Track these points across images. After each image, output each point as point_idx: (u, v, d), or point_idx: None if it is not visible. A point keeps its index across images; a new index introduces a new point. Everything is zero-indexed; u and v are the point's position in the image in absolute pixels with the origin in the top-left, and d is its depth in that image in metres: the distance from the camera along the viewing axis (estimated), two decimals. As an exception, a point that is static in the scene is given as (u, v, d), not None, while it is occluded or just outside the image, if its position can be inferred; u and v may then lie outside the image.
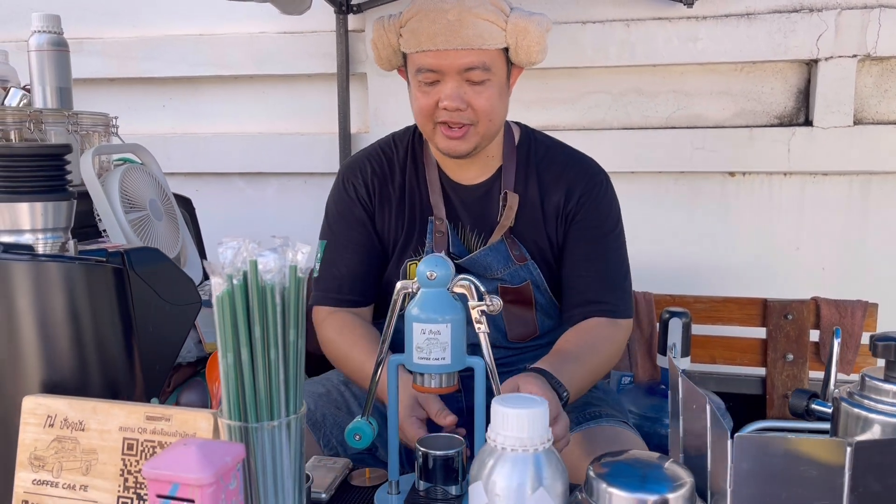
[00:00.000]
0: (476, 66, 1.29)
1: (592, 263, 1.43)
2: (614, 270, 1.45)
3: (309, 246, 0.70)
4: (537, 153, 1.48)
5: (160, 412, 0.72)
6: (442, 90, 1.31)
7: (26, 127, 1.57)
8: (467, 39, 1.27)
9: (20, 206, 0.85)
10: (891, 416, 0.77)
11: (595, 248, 1.44)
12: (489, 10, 1.28)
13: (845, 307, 1.97)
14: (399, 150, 1.51)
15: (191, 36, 2.65)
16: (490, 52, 1.29)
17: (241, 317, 0.65)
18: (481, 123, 1.34)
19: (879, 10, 2.17)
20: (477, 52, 1.28)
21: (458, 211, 1.46)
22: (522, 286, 1.45)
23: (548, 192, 1.44)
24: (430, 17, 1.28)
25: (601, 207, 1.45)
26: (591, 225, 1.44)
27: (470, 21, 1.27)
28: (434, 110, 1.34)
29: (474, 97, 1.32)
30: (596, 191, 1.45)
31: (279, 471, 0.68)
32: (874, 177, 2.28)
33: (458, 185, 1.47)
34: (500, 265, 1.44)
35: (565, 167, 1.46)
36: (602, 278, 1.43)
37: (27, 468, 0.76)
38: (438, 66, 1.30)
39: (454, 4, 1.28)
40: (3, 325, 0.81)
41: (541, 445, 0.75)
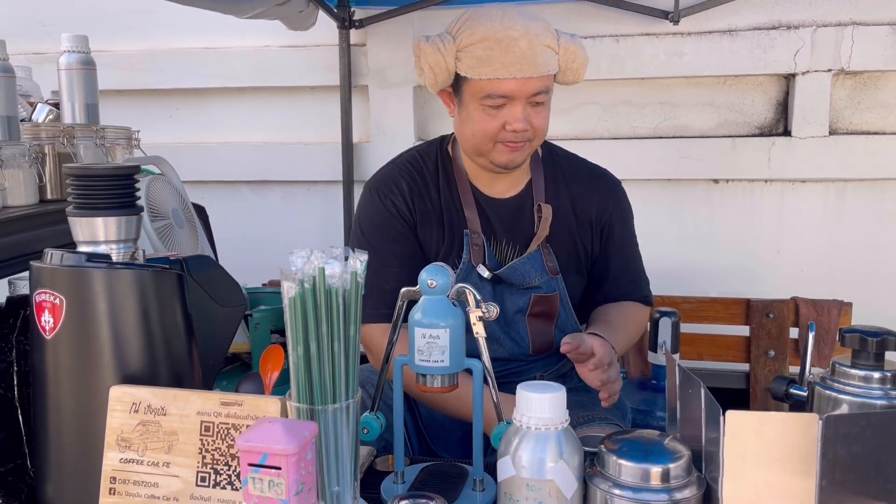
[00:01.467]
0: (542, 90, 1.37)
1: (628, 266, 1.65)
2: (640, 266, 1.69)
3: (366, 254, 0.81)
4: (562, 166, 1.59)
5: (234, 398, 0.84)
6: (509, 113, 1.38)
7: (59, 142, 1.67)
8: (539, 68, 1.34)
9: (96, 220, 0.96)
10: (857, 397, 0.91)
11: (627, 251, 1.65)
12: (549, 37, 1.36)
13: (822, 306, 2.11)
14: (429, 165, 1.55)
15: (198, 49, 2.75)
16: (551, 76, 1.39)
17: (310, 315, 0.77)
18: (537, 139, 1.44)
19: (853, 27, 2.32)
20: (546, 77, 1.37)
21: (492, 224, 1.52)
22: (553, 295, 1.54)
23: (579, 205, 1.56)
24: (502, 46, 1.33)
25: (627, 215, 1.65)
26: (624, 234, 1.63)
27: (539, 50, 1.34)
28: (499, 131, 1.40)
29: (535, 118, 1.39)
30: (622, 202, 1.63)
31: (340, 447, 0.80)
32: (848, 184, 2.42)
33: (490, 199, 1.53)
34: (536, 274, 1.51)
35: (591, 181, 1.60)
36: (634, 273, 1.66)
37: (115, 448, 0.87)
38: (512, 93, 1.36)
39: (522, 33, 1.33)
40: (84, 324, 0.92)
41: (560, 425, 0.87)
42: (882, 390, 0.91)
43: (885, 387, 0.91)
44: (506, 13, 1.36)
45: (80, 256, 0.93)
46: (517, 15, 1.36)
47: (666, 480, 0.83)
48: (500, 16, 1.36)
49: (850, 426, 0.77)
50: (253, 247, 2.75)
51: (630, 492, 0.83)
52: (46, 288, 0.92)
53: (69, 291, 0.91)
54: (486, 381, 1.16)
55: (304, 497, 0.73)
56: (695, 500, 0.83)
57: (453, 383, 1.15)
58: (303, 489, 0.73)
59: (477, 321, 1.15)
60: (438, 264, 1.14)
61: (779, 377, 1.02)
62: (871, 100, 2.41)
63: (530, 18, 1.36)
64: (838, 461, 0.77)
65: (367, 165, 2.68)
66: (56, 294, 0.91)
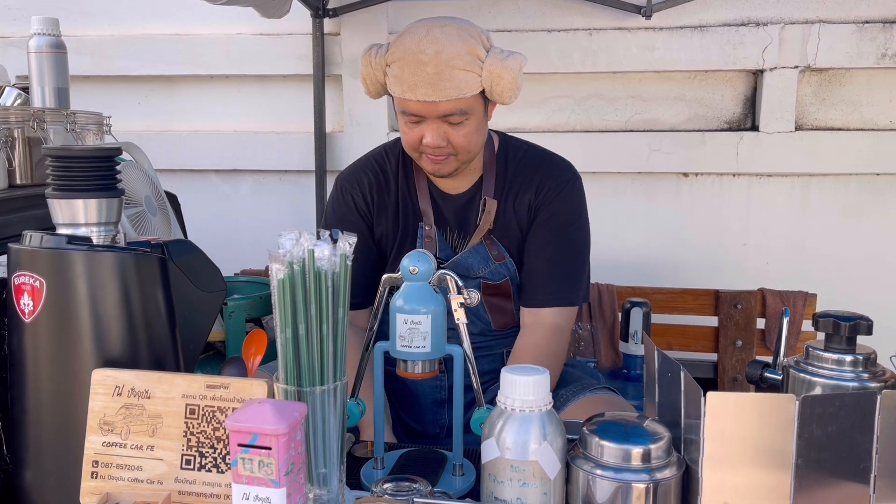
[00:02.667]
0: (454, 112, 1.39)
1: (547, 252, 1.55)
2: (566, 260, 1.56)
3: (355, 237, 0.82)
4: (515, 158, 1.59)
5: (219, 381, 0.84)
6: (424, 129, 1.42)
7: (29, 126, 1.64)
8: (446, 92, 1.35)
9: (77, 202, 0.95)
10: (830, 379, 0.93)
11: (551, 238, 1.55)
12: (465, 61, 1.35)
13: (788, 297, 2.16)
14: (391, 162, 1.61)
15: (168, 35, 2.71)
16: (468, 98, 1.38)
17: (299, 297, 0.77)
18: (460, 154, 1.46)
19: (819, 25, 2.37)
20: (455, 101, 1.37)
21: (445, 217, 1.58)
22: (502, 282, 1.58)
23: (520, 192, 1.55)
24: (410, 68, 1.36)
25: (563, 200, 1.55)
26: (551, 216, 1.54)
27: (447, 74, 1.34)
28: (419, 144, 1.45)
29: (453, 135, 1.42)
30: (560, 186, 1.55)
31: (327, 429, 0.80)
32: (813, 178, 2.48)
33: (445, 194, 1.59)
34: (480, 265, 1.56)
35: (537, 168, 1.57)
36: (554, 267, 1.55)
37: (97, 432, 0.86)
38: (419, 112, 1.40)
39: (432, 56, 1.34)
40: (65, 307, 0.91)
41: (544, 407, 0.88)
42: (854, 373, 0.94)
43: (857, 369, 0.94)
44: (430, 31, 1.37)
45: (61, 239, 0.91)
46: (440, 34, 1.36)
47: (647, 461, 0.85)
48: (423, 34, 1.37)
49: (825, 406, 0.79)
50: (224, 236, 2.73)
51: (612, 472, 0.85)
52: (26, 270, 0.91)
53: (49, 274, 0.90)
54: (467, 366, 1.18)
55: (294, 477, 0.74)
56: (675, 479, 0.85)
57: (434, 369, 1.16)
58: (292, 469, 0.73)
59: (458, 307, 1.17)
60: (420, 251, 1.15)
61: (754, 361, 1.04)
62: (835, 96, 2.46)
63: (452, 38, 1.35)
64: (814, 441, 0.80)
65: (339, 155, 2.67)
66: (36, 276, 0.89)
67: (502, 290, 1.59)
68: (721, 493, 0.82)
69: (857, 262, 2.48)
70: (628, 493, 0.84)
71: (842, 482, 0.81)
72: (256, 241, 2.70)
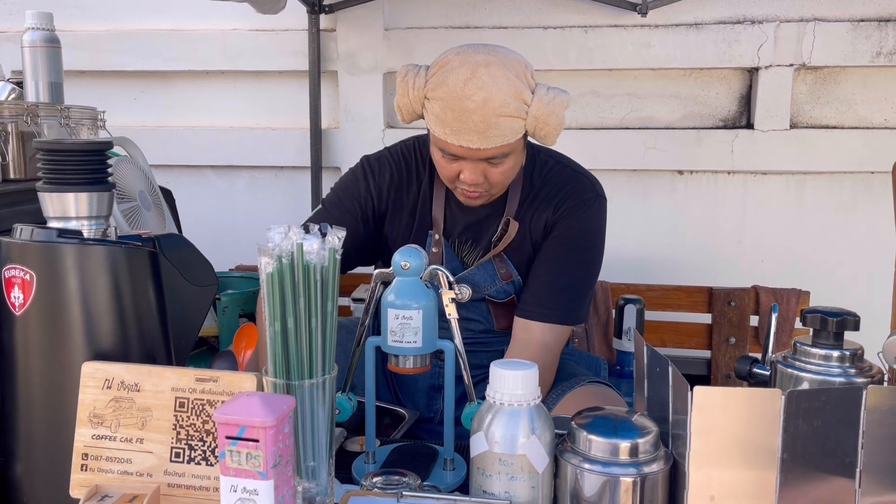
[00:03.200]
0: (497, 155, 1.35)
1: (553, 268, 1.50)
2: (571, 279, 1.51)
3: (344, 230, 0.82)
4: (541, 174, 1.53)
5: (209, 374, 0.84)
6: (463, 167, 1.37)
7: (22, 120, 1.64)
8: (492, 140, 1.30)
9: (67, 195, 0.95)
10: (817, 374, 0.94)
11: (560, 255, 1.50)
12: (511, 108, 1.29)
13: (781, 294, 2.17)
14: (419, 159, 1.56)
15: (164, 31, 2.71)
16: (512, 143, 1.33)
17: (288, 291, 0.77)
18: (495, 188, 1.43)
19: (814, 23, 2.38)
20: (500, 147, 1.33)
21: (458, 227, 1.54)
22: (507, 301, 1.55)
23: (539, 209, 1.51)
24: (455, 114, 1.29)
25: (580, 219, 1.50)
26: (564, 232, 1.50)
27: (494, 122, 1.28)
28: (455, 178, 1.41)
29: (492, 173, 1.38)
30: (580, 205, 1.50)
31: (316, 422, 0.80)
32: (808, 176, 2.49)
33: (464, 204, 1.51)
34: (487, 284, 1.53)
35: (561, 187, 1.52)
36: (556, 284, 1.50)
37: (87, 425, 0.86)
38: (463, 155, 1.35)
39: (479, 104, 1.27)
40: (55, 301, 0.91)
41: (532, 401, 0.89)
42: (841, 368, 0.95)
43: (844, 365, 0.95)
44: (476, 74, 1.28)
45: (52, 232, 0.92)
46: (487, 79, 1.27)
47: (634, 455, 0.85)
48: (468, 76, 1.28)
49: (811, 401, 0.80)
50: (219, 232, 2.73)
51: (600, 466, 0.85)
52: (16, 263, 0.91)
53: (40, 267, 0.90)
54: (458, 362, 1.18)
55: (282, 470, 0.74)
56: (662, 473, 0.86)
57: (425, 364, 1.16)
58: (280, 462, 0.73)
59: (450, 303, 1.17)
60: (412, 246, 1.16)
61: (743, 357, 1.05)
62: (830, 95, 2.47)
63: (499, 83, 1.28)
64: (799, 435, 0.80)
65: (335, 151, 2.67)
66: (26, 269, 0.90)
67: (508, 308, 1.57)
68: (708, 488, 0.82)
69: (850, 260, 2.48)
70: (616, 487, 0.84)
71: (827, 476, 0.81)
72: (251, 236, 2.67)
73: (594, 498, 0.85)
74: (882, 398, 0.79)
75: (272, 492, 0.73)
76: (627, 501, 0.84)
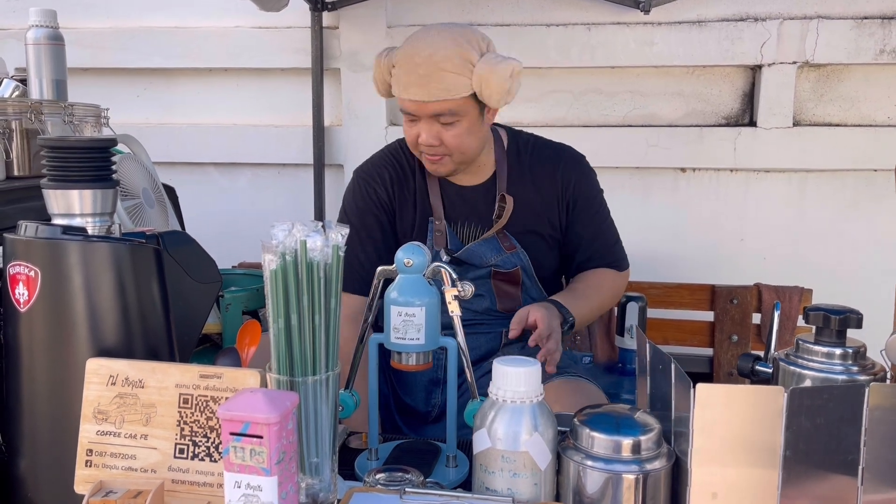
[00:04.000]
0: (444, 112, 1.47)
1: (597, 235, 1.70)
2: (610, 234, 1.74)
3: (347, 228, 0.82)
4: (526, 152, 1.68)
5: (212, 371, 0.84)
6: (420, 128, 1.51)
7: (26, 117, 1.64)
8: (435, 93, 1.44)
9: (72, 192, 0.95)
10: (819, 372, 0.94)
11: (596, 223, 1.70)
12: (455, 64, 1.43)
13: (784, 292, 2.16)
14: (409, 155, 1.67)
15: (166, 28, 2.71)
16: (456, 100, 1.46)
17: (291, 288, 0.78)
18: (454, 155, 1.54)
19: (818, 20, 2.37)
20: (443, 102, 1.46)
21: (456, 210, 1.64)
22: (513, 271, 1.65)
23: (543, 184, 1.65)
24: (405, 69, 1.47)
25: (593, 188, 1.71)
26: (589, 205, 1.69)
27: (437, 76, 1.43)
28: (416, 142, 1.54)
29: (445, 135, 1.50)
30: (586, 176, 1.69)
31: (319, 419, 0.81)
32: (810, 174, 2.48)
33: (458, 187, 1.65)
34: (492, 254, 1.63)
35: (555, 161, 1.67)
36: (606, 244, 1.72)
37: (91, 421, 0.86)
38: (413, 111, 1.50)
39: (425, 58, 1.44)
40: (60, 297, 0.92)
41: (535, 398, 0.89)
42: (843, 366, 0.95)
43: (847, 362, 0.95)
44: (430, 35, 1.47)
45: (56, 229, 0.92)
46: (437, 38, 1.45)
47: (637, 452, 0.86)
48: (422, 37, 1.48)
49: (813, 399, 0.80)
50: (222, 229, 2.73)
51: (602, 463, 0.85)
52: (21, 260, 0.91)
53: (45, 264, 0.90)
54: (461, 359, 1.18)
55: (286, 466, 0.74)
56: (664, 471, 0.86)
57: (428, 361, 1.17)
58: (284, 458, 0.74)
59: (452, 300, 1.17)
60: (415, 243, 1.16)
61: (745, 354, 1.05)
62: (833, 92, 2.46)
63: (446, 42, 1.44)
64: (802, 433, 0.80)
65: (338, 149, 2.67)
66: (31, 266, 0.90)
67: (513, 277, 1.64)
68: (710, 485, 0.82)
69: (853, 258, 2.48)
70: (618, 484, 0.85)
71: (830, 474, 0.81)
72: (254, 234, 2.66)
73: (597, 495, 0.86)
74: (884, 396, 0.80)
75: (276, 488, 0.74)
76: (630, 498, 0.84)
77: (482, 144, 1.59)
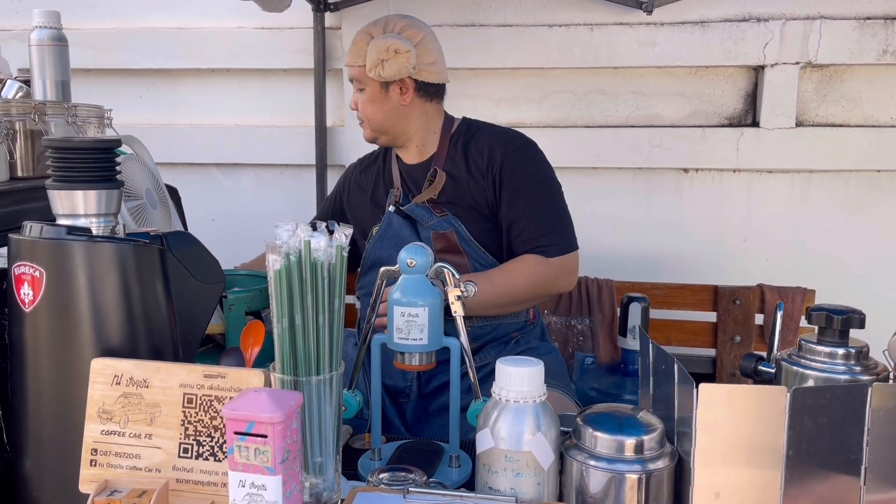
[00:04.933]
0: (355, 78, 1.73)
1: (525, 217, 1.69)
2: (546, 219, 1.69)
3: (351, 228, 0.82)
4: (467, 135, 1.79)
5: (217, 371, 0.84)
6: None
7: (30, 118, 1.64)
8: (350, 59, 1.72)
9: (76, 193, 0.95)
10: (822, 372, 0.94)
11: (526, 201, 1.69)
12: (362, 35, 1.70)
13: (787, 293, 2.17)
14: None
15: (169, 29, 2.71)
16: (357, 67, 1.70)
17: (296, 288, 0.78)
18: (367, 122, 1.76)
19: (820, 21, 2.37)
20: (356, 68, 1.71)
21: (407, 183, 1.82)
22: (448, 232, 1.72)
23: (473, 161, 1.74)
24: None
25: (525, 166, 1.72)
26: (519, 183, 1.70)
27: (359, 45, 1.69)
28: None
29: (360, 102, 1.75)
30: (517, 154, 1.72)
31: (323, 418, 0.81)
32: (813, 175, 2.48)
33: (406, 164, 1.84)
34: (427, 216, 1.74)
35: (490, 140, 1.75)
36: (536, 227, 1.68)
37: (96, 420, 0.87)
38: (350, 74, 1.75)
39: (363, 29, 1.71)
40: (65, 297, 0.92)
41: (538, 398, 0.89)
42: (846, 366, 0.95)
43: (849, 362, 0.95)
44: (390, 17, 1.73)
45: (61, 229, 0.92)
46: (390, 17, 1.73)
47: (640, 452, 0.86)
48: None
49: (816, 398, 0.80)
50: (224, 230, 2.73)
51: (605, 462, 0.86)
52: (26, 260, 0.91)
53: (49, 264, 0.91)
54: (464, 359, 1.18)
55: (290, 465, 0.74)
56: (667, 470, 0.86)
57: (431, 361, 1.17)
58: (288, 457, 0.74)
59: (455, 300, 1.17)
60: (418, 244, 1.16)
61: (748, 354, 1.05)
62: (836, 93, 2.46)
63: (387, 19, 1.71)
64: (804, 432, 0.80)
65: (340, 149, 2.67)
66: (36, 266, 0.90)
67: (449, 240, 1.72)
68: (713, 485, 0.82)
69: (856, 259, 2.48)
70: (621, 484, 0.85)
71: (832, 474, 0.81)
72: (257, 234, 2.68)
73: (600, 494, 0.86)
74: (887, 396, 0.80)
75: (280, 487, 0.74)
76: (633, 498, 0.85)
77: (393, 118, 1.74)
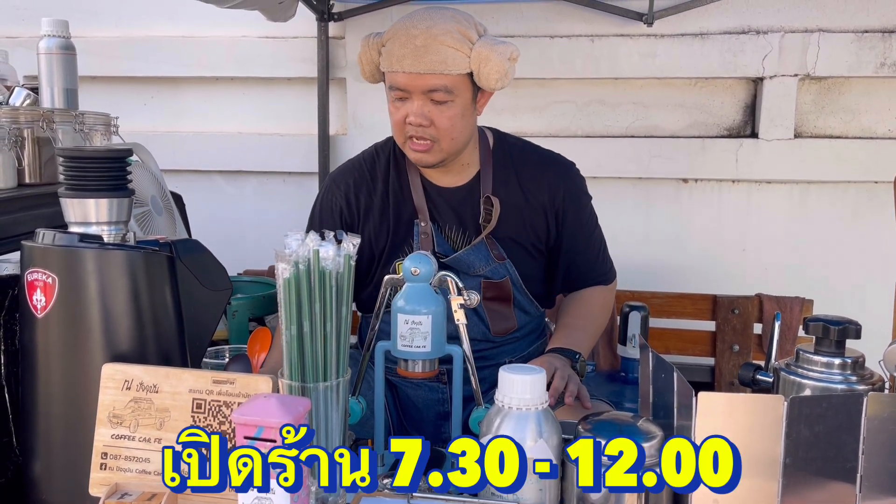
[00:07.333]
0: (438, 88, 1.41)
1: (586, 248, 1.66)
2: (599, 247, 1.69)
3: (359, 237, 0.84)
4: (512, 155, 1.61)
5: (225, 377, 0.86)
6: (409, 107, 1.44)
7: (38, 126, 1.66)
8: (431, 65, 1.39)
9: (88, 202, 0.97)
10: (818, 381, 0.96)
11: (585, 235, 1.65)
12: (454, 38, 1.39)
13: (785, 303, 2.18)
14: (381, 160, 1.62)
15: (174, 37, 2.74)
16: (452, 76, 1.41)
17: (304, 296, 0.80)
18: (443, 140, 1.46)
19: (819, 33, 2.40)
20: (439, 76, 1.40)
21: (441, 212, 1.57)
22: (503, 281, 1.57)
23: (530, 190, 1.57)
24: (401, 41, 1.40)
25: (583, 199, 1.65)
26: (579, 217, 1.63)
27: (435, 48, 1.38)
28: (404, 124, 1.46)
29: (437, 115, 1.43)
30: (575, 185, 1.63)
31: (330, 424, 0.83)
32: (812, 185, 2.51)
33: (440, 188, 1.58)
34: (481, 263, 1.55)
35: (543, 168, 1.60)
36: (594, 257, 1.68)
37: (106, 425, 0.88)
38: (406, 86, 1.42)
39: (423, 30, 1.39)
40: (76, 303, 0.94)
41: (540, 405, 0.91)
42: (842, 376, 0.97)
43: (846, 372, 0.97)
44: (427, 12, 1.42)
45: (73, 237, 0.94)
46: (435, 13, 1.42)
47: (640, 460, 0.87)
48: (420, 14, 1.43)
49: (812, 407, 0.82)
50: (227, 236, 2.75)
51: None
52: (38, 267, 0.93)
53: (62, 271, 0.93)
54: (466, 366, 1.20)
55: (297, 470, 0.76)
56: (667, 477, 0.88)
57: (434, 368, 1.18)
58: (296, 462, 0.75)
59: (458, 308, 1.19)
60: (421, 252, 1.18)
61: (747, 364, 1.07)
62: (834, 104, 2.49)
63: (445, 18, 1.41)
64: (802, 440, 0.82)
65: (343, 158, 2.68)
66: (49, 273, 0.92)
67: (503, 290, 1.58)
68: (711, 492, 0.84)
69: (853, 269, 2.50)
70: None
71: (829, 481, 0.83)
72: (259, 241, 2.72)
73: (600, 501, 0.87)
74: (882, 405, 0.81)
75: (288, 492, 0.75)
76: (633, 504, 0.86)
77: (470, 136, 1.53)
